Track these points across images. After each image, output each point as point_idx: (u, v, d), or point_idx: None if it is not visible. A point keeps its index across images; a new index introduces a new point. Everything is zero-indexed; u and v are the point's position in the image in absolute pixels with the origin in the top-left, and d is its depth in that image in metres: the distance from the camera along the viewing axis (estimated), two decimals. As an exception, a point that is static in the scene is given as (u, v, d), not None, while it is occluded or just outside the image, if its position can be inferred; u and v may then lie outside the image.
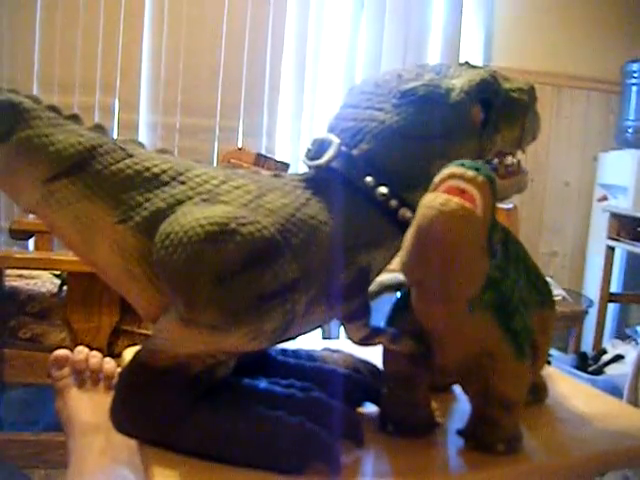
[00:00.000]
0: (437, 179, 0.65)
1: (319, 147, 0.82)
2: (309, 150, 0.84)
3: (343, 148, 0.80)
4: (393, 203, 0.78)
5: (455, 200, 0.61)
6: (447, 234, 0.62)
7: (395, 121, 0.79)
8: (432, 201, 0.62)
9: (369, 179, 0.78)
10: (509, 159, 0.86)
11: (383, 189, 0.78)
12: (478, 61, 3.35)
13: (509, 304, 0.76)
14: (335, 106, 0.85)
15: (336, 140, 0.81)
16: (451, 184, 0.64)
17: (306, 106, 3.13)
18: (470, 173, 0.63)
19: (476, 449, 0.79)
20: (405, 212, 0.78)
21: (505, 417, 0.77)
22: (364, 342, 0.78)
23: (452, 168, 0.64)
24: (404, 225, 0.75)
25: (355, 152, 0.80)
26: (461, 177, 0.63)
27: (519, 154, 0.88)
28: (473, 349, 0.75)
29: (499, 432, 0.78)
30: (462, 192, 0.63)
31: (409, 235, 0.65)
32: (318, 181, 0.80)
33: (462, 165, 0.64)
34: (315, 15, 3.12)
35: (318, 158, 0.81)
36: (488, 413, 0.78)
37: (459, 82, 0.81)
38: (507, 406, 0.77)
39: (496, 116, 0.81)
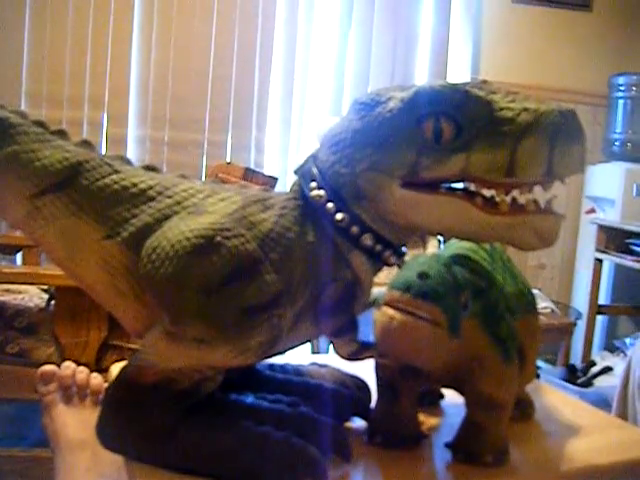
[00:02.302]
0: (382, 302, 0.69)
1: None
2: None
3: (311, 160, 0.79)
4: (339, 217, 0.75)
5: (397, 318, 0.66)
6: (395, 348, 0.69)
7: (338, 129, 0.77)
8: (379, 318, 0.68)
9: (316, 192, 0.76)
10: (515, 193, 0.71)
11: (329, 204, 0.75)
12: (465, 74, 3.36)
13: (495, 311, 0.78)
14: (323, 120, 0.84)
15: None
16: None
17: (294, 121, 3.14)
18: (405, 297, 0.66)
19: (464, 461, 0.79)
20: (354, 229, 0.75)
21: (493, 422, 0.78)
22: (352, 357, 0.78)
23: (389, 293, 0.68)
24: (355, 241, 0.75)
25: (312, 163, 0.78)
26: (397, 302, 0.66)
27: (536, 191, 0.73)
28: (461, 356, 0.76)
29: (487, 440, 0.78)
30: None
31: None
32: (300, 195, 0.79)
33: (394, 288, 0.67)
34: (303, 29, 3.13)
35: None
36: (476, 418, 0.79)
37: (406, 92, 0.73)
38: (495, 409, 0.78)
39: (469, 134, 0.69)
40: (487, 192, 0.72)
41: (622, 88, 3.45)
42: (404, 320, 0.65)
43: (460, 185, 0.73)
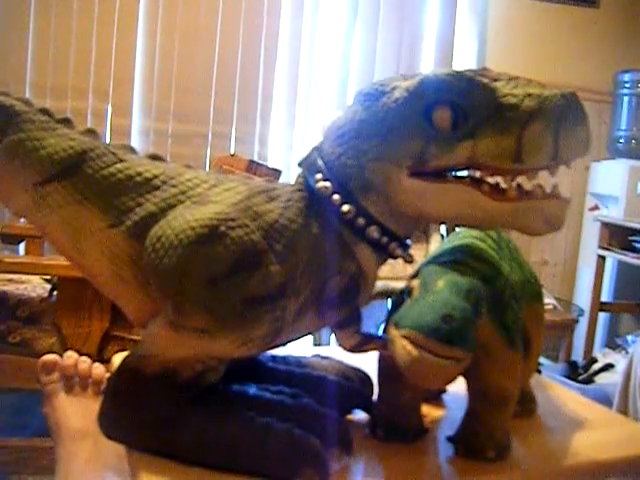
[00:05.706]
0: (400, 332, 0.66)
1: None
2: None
3: (315, 152, 0.79)
4: (345, 208, 0.74)
5: (419, 358, 0.63)
6: (415, 379, 0.67)
7: (342, 121, 0.76)
8: (398, 351, 0.65)
9: (322, 184, 0.75)
10: (520, 179, 0.72)
11: (335, 196, 0.75)
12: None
13: (501, 299, 0.78)
14: (328, 113, 0.84)
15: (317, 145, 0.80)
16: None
17: (299, 113, 3.13)
18: (430, 342, 0.63)
19: (466, 456, 0.79)
20: (360, 221, 0.74)
21: (496, 415, 0.78)
22: (355, 349, 0.78)
23: (410, 332, 0.65)
24: (361, 233, 0.75)
25: (317, 155, 0.78)
26: (421, 344, 0.64)
27: (541, 176, 0.72)
28: None
29: (489, 434, 0.78)
30: None
31: None
32: (305, 187, 0.79)
33: (416, 329, 0.64)
34: (309, 22, 3.12)
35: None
36: (479, 410, 0.79)
37: (410, 81, 0.73)
38: (498, 400, 0.78)
39: (475, 121, 0.70)
40: (492, 179, 0.72)
41: (627, 85, 3.44)
42: (426, 360, 0.63)
43: (465, 173, 0.73)
